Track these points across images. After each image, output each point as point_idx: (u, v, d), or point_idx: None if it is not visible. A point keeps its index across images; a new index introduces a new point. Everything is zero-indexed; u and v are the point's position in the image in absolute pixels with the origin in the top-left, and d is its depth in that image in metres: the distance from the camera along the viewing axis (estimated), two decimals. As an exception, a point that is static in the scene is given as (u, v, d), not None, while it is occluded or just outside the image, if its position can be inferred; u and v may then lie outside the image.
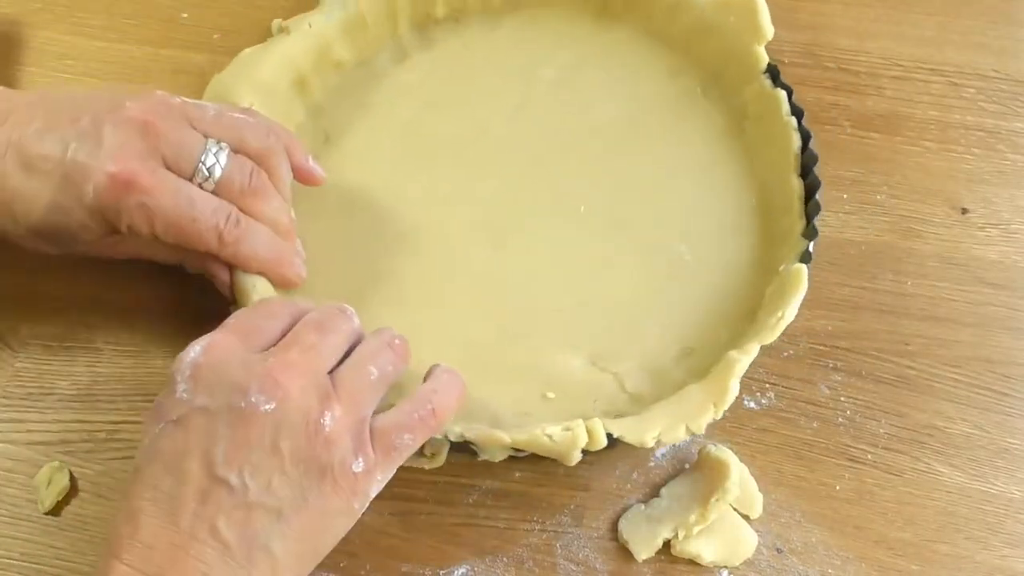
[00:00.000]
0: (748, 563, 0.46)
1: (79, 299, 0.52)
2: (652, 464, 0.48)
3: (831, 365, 0.51)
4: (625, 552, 0.46)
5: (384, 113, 0.57)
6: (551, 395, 0.48)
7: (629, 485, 0.48)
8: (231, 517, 0.36)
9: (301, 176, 0.49)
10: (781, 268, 0.49)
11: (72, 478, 0.48)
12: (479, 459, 0.46)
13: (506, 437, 0.43)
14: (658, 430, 0.44)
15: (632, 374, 0.49)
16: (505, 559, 0.46)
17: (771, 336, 0.46)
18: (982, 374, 0.51)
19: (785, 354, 0.51)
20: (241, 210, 0.46)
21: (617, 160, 0.55)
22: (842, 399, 0.50)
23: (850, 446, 0.49)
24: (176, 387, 0.38)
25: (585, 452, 0.44)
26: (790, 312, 0.46)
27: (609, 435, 0.44)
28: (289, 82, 0.55)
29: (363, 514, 0.46)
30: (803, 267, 0.47)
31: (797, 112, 0.53)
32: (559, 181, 0.55)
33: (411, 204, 0.54)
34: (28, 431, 0.49)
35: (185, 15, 0.63)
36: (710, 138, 0.56)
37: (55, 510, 0.47)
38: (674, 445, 0.49)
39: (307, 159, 0.49)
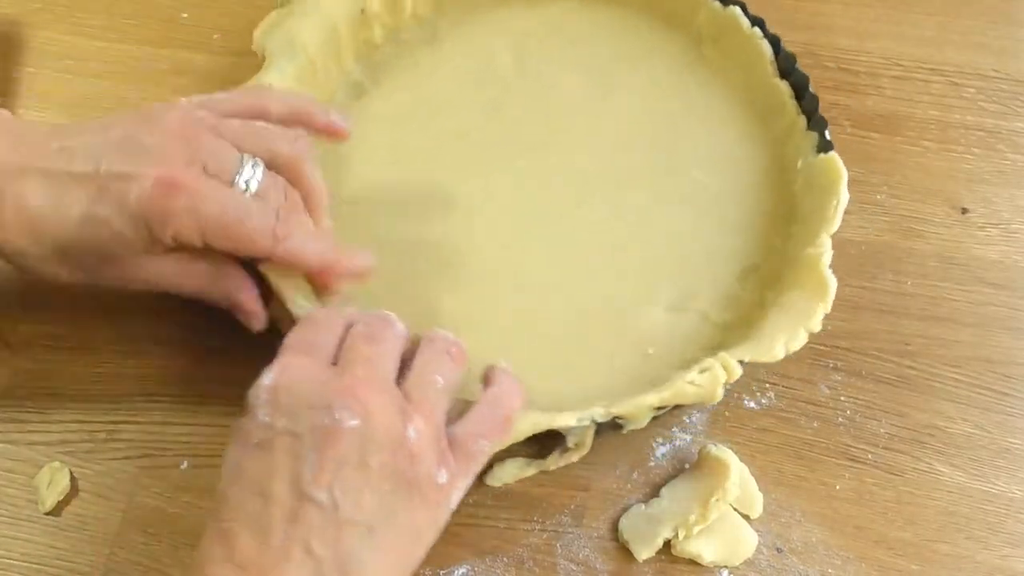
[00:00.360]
0: (748, 563, 0.46)
1: (79, 299, 0.52)
2: (652, 464, 0.48)
3: (831, 365, 0.51)
4: (625, 552, 0.46)
5: (361, 147, 0.55)
6: (651, 351, 0.49)
7: (629, 485, 0.48)
8: (324, 535, 0.36)
9: (328, 133, 0.49)
10: (799, 163, 0.51)
11: (72, 478, 0.48)
12: (623, 432, 0.46)
13: (653, 398, 0.44)
14: (781, 341, 0.45)
15: (712, 306, 0.50)
16: (505, 559, 0.46)
17: (834, 225, 0.48)
18: (983, 374, 0.51)
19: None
20: None
21: (602, 120, 0.56)
22: (842, 399, 0.50)
23: (850, 446, 0.49)
24: (256, 412, 0.38)
25: (659, 409, 0.45)
26: (843, 198, 0.48)
27: (740, 361, 0.44)
28: None
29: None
30: (833, 155, 0.49)
31: (758, 22, 0.55)
32: (559, 158, 0.55)
33: (430, 222, 0.53)
34: (28, 431, 0.49)
35: (185, 15, 0.63)
36: (679, 72, 0.57)
37: (55, 510, 0.47)
38: (674, 445, 0.49)
39: (327, 115, 0.49)
